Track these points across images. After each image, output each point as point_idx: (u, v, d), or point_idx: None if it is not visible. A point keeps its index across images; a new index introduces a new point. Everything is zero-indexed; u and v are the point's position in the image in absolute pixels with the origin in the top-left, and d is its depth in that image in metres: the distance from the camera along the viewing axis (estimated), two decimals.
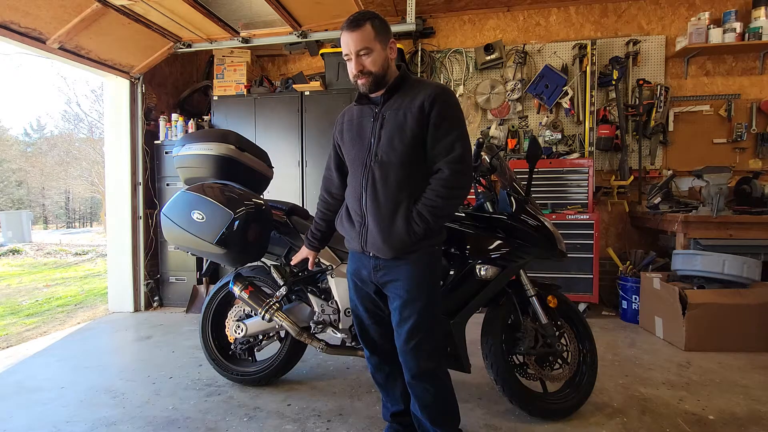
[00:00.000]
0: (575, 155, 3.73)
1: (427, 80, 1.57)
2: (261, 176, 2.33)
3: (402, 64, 1.57)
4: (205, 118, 4.07)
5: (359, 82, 1.48)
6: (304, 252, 1.89)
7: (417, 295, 1.48)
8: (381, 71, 1.46)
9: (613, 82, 3.74)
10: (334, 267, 2.15)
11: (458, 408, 1.62)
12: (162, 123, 3.97)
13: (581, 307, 3.49)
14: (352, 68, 1.46)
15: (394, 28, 3.64)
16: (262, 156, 2.34)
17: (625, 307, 3.42)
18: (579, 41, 3.87)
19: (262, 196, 2.16)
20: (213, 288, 2.42)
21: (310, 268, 1.91)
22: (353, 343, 2.17)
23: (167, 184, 3.97)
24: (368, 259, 1.54)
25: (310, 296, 2.21)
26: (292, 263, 1.95)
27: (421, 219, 1.43)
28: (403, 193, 1.46)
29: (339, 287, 2.14)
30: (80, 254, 8.93)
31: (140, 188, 3.91)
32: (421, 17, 4.07)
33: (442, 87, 1.49)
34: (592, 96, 3.76)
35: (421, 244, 1.48)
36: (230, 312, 2.35)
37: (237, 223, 1.90)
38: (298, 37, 3.68)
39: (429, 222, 1.43)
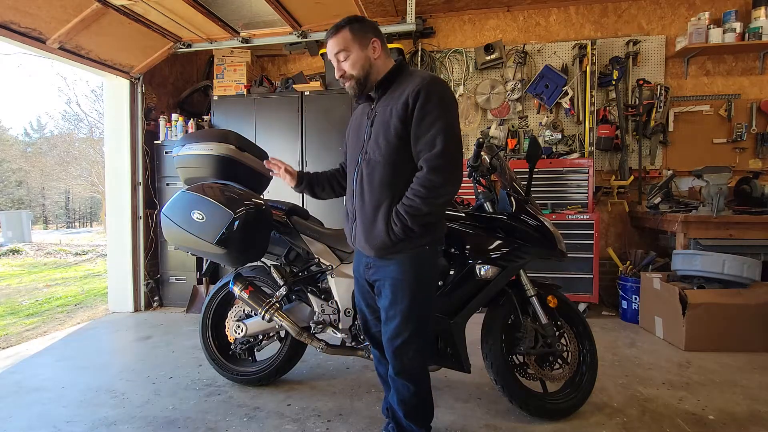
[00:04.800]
0: (575, 155, 3.73)
1: (420, 71, 1.50)
2: (261, 176, 2.32)
3: (400, 58, 1.58)
4: (205, 118, 4.06)
5: (345, 85, 1.52)
6: (288, 167, 1.78)
7: (401, 297, 1.48)
8: (361, 73, 1.47)
9: (613, 82, 3.74)
10: (334, 267, 2.15)
11: (433, 406, 1.65)
12: (162, 123, 3.97)
13: (581, 307, 3.49)
14: (336, 73, 1.51)
15: (394, 28, 3.65)
16: (262, 156, 2.33)
17: (625, 307, 3.42)
18: (579, 41, 3.87)
19: (262, 196, 2.16)
20: (213, 288, 2.42)
21: (281, 176, 1.78)
22: (353, 343, 2.17)
23: (167, 184, 3.97)
24: (362, 256, 1.58)
25: (310, 296, 2.21)
26: (266, 162, 1.81)
27: (399, 218, 1.40)
28: (385, 193, 1.44)
29: (339, 287, 2.14)
30: (80, 254, 8.93)
31: (140, 188, 3.91)
32: (421, 17, 4.07)
33: (429, 78, 1.41)
34: (592, 96, 3.76)
35: (405, 245, 1.44)
36: (230, 312, 2.35)
37: (237, 223, 1.89)
38: (298, 37, 3.68)
39: (406, 222, 1.39)
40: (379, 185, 1.44)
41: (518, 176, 2.06)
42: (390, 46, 2.90)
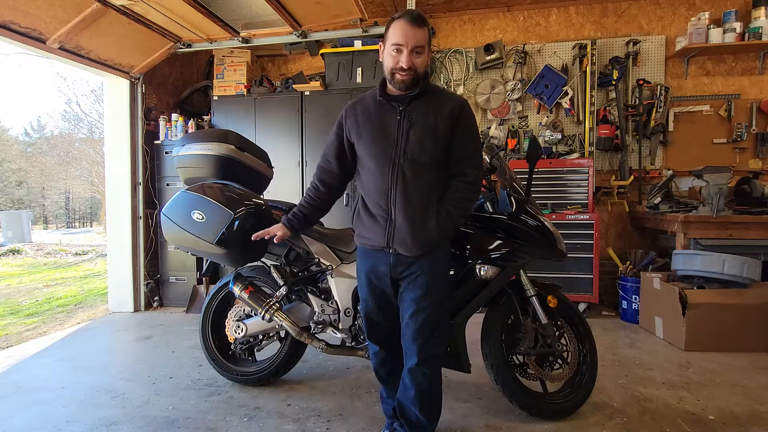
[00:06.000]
0: (575, 155, 3.73)
1: (447, 90, 1.69)
2: (261, 176, 2.33)
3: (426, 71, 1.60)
4: (205, 118, 4.07)
5: (399, 76, 1.48)
6: (276, 227, 1.80)
7: (436, 288, 1.57)
8: (423, 73, 1.52)
9: (613, 82, 3.74)
10: (334, 267, 2.14)
11: (442, 404, 1.70)
12: (162, 123, 3.97)
13: (581, 307, 3.49)
14: (401, 61, 1.46)
15: None
16: (262, 156, 2.34)
17: (625, 307, 3.42)
18: (579, 41, 3.87)
19: (262, 196, 2.16)
20: (213, 288, 2.42)
21: (276, 241, 1.81)
22: (353, 343, 2.17)
23: (167, 184, 3.97)
24: (387, 255, 1.57)
25: (310, 296, 2.21)
26: (252, 238, 1.81)
27: (451, 219, 1.53)
28: (434, 193, 1.54)
29: (339, 287, 2.14)
30: (80, 254, 8.93)
31: (140, 188, 3.91)
32: None
33: (465, 99, 1.61)
34: (592, 96, 3.76)
35: (443, 242, 1.57)
36: (230, 312, 2.35)
37: (237, 223, 1.89)
38: (298, 37, 3.68)
39: (458, 222, 1.56)
40: (428, 186, 1.53)
41: (518, 176, 2.06)
42: None
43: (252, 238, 1.81)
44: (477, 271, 1.84)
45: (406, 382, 1.62)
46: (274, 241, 1.80)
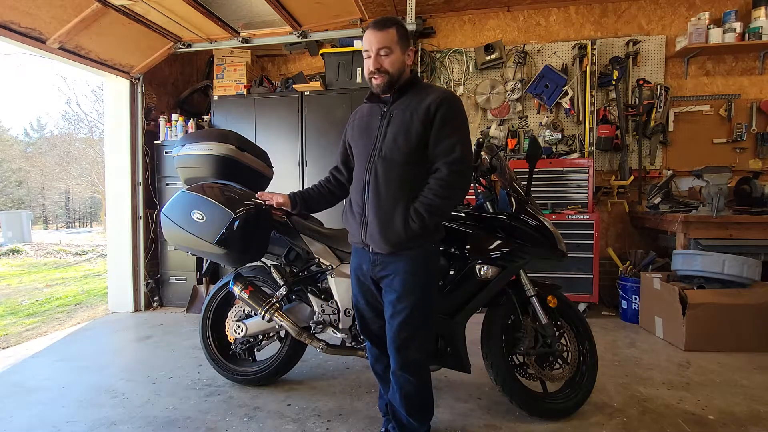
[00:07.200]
0: (575, 155, 3.73)
1: (435, 86, 1.64)
2: (261, 176, 2.33)
3: (414, 69, 1.60)
4: (205, 118, 4.07)
5: (373, 80, 1.53)
6: (279, 194, 1.91)
7: (411, 290, 1.53)
8: (396, 73, 1.52)
9: (613, 82, 3.74)
10: (334, 267, 2.15)
11: (433, 403, 1.68)
12: (162, 123, 3.96)
13: (581, 307, 3.49)
14: (369, 65, 1.52)
15: None
16: (262, 156, 2.34)
17: (625, 307, 3.42)
18: (579, 41, 3.87)
19: None
20: (213, 288, 2.42)
21: (274, 204, 1.92)
22: (353, 343, 2.17)
23: (167, 184, 3.97)
24: (367, 254, 1.59)
25: (310, 296, 2.21)
26: (258, 194, 1.96)
27: (418, 216, 1.47)
28: (403, 190, 1.50)
29: (339, 287, 2.14)
30: (80, 254, 8.93)
31: (140, 188, 3.91)
32: (421, 17, 4.07)
33: (449, 93, 1.56)
34: (592, 96, 3.76)
35: (417, 242, 1.52)
36: (230, 312, 2.35)
37: (237, 223, 1.89)
38: (298, 37, 3.68)
39: (425, 219, 1.47)
40: (398, 182, 1.51)
41: (518, 176, 2.06)
42: None
43: (257, 195, 1.94)
44: (477, 271, 1.84)
45: (393, 385, 1.63)
46: (274, 204, 1.90)
